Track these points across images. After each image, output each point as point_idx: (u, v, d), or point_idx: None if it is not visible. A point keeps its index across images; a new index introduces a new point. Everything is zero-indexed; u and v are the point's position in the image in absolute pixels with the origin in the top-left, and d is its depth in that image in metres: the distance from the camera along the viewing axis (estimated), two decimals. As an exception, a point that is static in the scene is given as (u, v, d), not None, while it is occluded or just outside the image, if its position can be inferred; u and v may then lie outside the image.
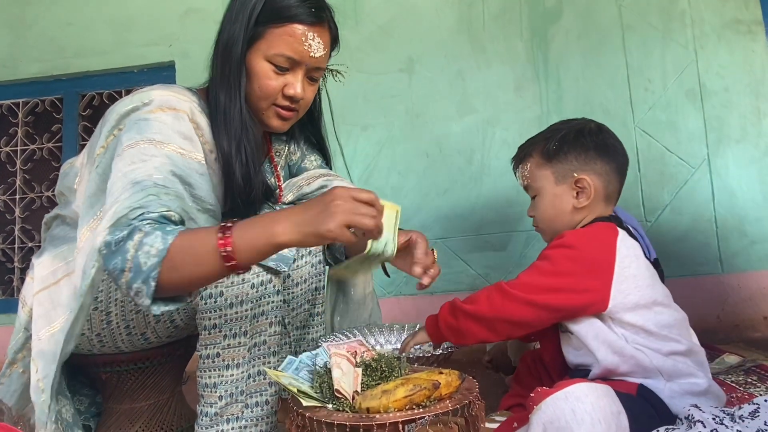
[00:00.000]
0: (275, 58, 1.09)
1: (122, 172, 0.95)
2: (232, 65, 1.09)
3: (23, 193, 2.90)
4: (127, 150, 0.98)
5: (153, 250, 0.87)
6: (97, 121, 2.99)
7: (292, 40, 1.08)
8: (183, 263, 0.88)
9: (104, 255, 0.89)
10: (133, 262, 0.87)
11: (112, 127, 1.05)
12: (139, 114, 1.03)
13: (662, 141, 2.40)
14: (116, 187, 0.94)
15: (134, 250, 0.87)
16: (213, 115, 1.11)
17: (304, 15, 1.09)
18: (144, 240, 0.88)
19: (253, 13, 1.08)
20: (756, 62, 2.38)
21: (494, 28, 2.54)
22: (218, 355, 1.10)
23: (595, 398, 0.89)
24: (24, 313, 1.17)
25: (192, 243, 0.89)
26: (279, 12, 1.08)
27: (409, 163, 2.54)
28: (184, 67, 2.74)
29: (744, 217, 2.33)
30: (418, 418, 0.84)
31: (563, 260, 1.09)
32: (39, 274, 1.16)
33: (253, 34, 1.09)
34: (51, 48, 2.84)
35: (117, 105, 1.09)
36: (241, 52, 1.09)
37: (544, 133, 1.26)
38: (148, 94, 1.06)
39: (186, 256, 0.88)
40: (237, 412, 1.12)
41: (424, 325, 1.22)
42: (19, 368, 1.16)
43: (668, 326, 1.09)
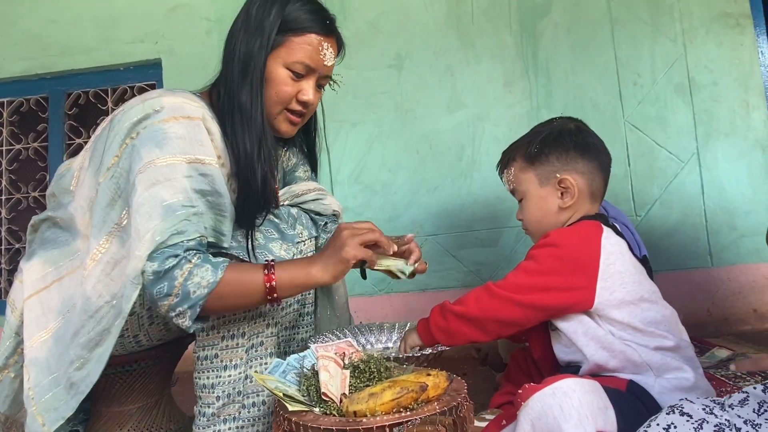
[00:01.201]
0: (294, 65, 1.13)
1: (148, 191, 0.99)
2: (254, 70, 1.11)
3: (9, 194, 2.86)
4: (149, 167, 1.00)
5: (204, 281, 0.98)
6: (83, 120, 2.96)
7: (310, 48, 1.14)
8: (230, 295, 1.01)
9: (150, 280, 0.97)
10: (182, 290, 0.97)
11: (125, 135, 1.05)
12: (153, 123, 1.03)
13: (652, 135, 2.40)
14: (145, 208, 0.98)
15: (183, 279, 0.97)
16: (229, 119, 1.12)
17: (320, 26, 1.15)
18: (194, 271, 0.98)
19: (274, 23, 1.12)
20: (744, 56, 2.38)
21: (483, 22, 2.53)
22: (216, 356, 1.12)
23: (582, 393, 0.89)
24: (14, 317, 1.16)
25: (239, 278, 1.01)
26: (298, 21, 1.12)
27: (399, 159, 2.53)
28: (170, 64, 2.71)
29: (733, 210, 2.33)
30: (405, 421, 0.83)
31: (548, 259, 1.10)
32: (29, 279, 1.14)
33: (274, 43, 1.13)
34: (35, 46, 2.80)
35: (126, 112, 1.08)
36: (264, 58, 1.12)
37: (525, 137, 1.27)
38: (159, 100, 1.06)
39: (234, 289, 1.01)
40: (234, 413, 1.14)
41: (415, 327, 1.23)
42: (11, 373, 1.15)
43: (655, 323, 1.09)
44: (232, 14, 2.81)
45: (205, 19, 2.71)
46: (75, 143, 2.83)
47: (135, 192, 1.00)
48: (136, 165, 1.02)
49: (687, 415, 0.81)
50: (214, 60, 2.67)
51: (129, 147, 1.04)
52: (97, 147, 1.14)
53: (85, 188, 1.13)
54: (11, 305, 1.18)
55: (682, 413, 0.81)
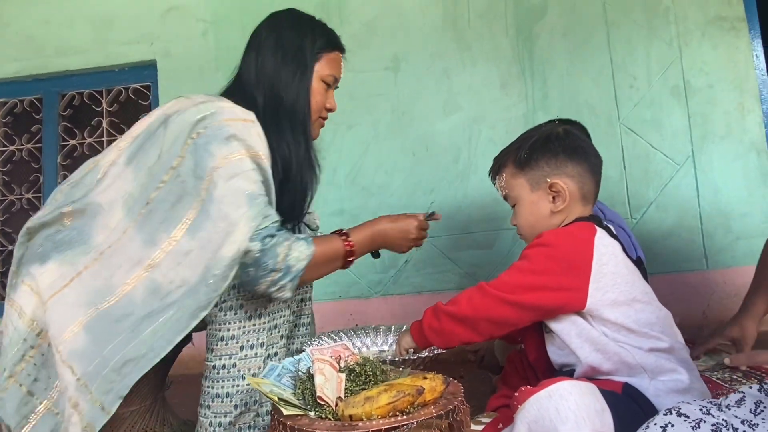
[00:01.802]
0: (327, 77, 1.31)
1: (228, 184, 1.08)
2: (304, 82, 1.26)
3: (2, 196, 2.85)
4: (225, 162, 1.09)
5: (302, 255, 1.10)
6: (77, 121, 2.95)
7: (335, 63, 1.33)
8: (319, 264, 1.16)
9: (255, 258, 1.07)
10: (285, 264, 1.08)
11: (186, 136, 1.11)
12: (214, 123, 1.11)
13: (647, 138, 2.41)
14: (229, 198, 1.07)
15: (284, 254, 1.08)
16: (275, 126, 1.23)
17: (338, 44, 1.35)
18: (292, 246, 1.10)
19: (313, 43, 1.28)
20: (740, 58, 2.39)
21: (479, 25, 2.53)
22: (234, 366, 1.16)
23: (579, 396, 0.89)
24: (23, 323, 1.13)
25: (325, 248, 1.17)
26: (330, 41, 1.32)
27: (396, 161, 2.52)
28: (165, 66, 2.70)
29: (729, 213, 2.34)
30: (402, 425, 0.82)
31: (541, 259, 1.09)
32: (46, 281, 1.12)
33: (313, 60, 1.29)
34: (29, 47, 2.79)
35: (181, 113, 1.14)
36: (311, 76, 1.28)
37: (515, 143, 1.28)
38: (212, 104, 1.15)
39: (322, 258, 1.16)
40: (249, 421, 1.17)
41: (409, 330, 1.22)
42: (17, 382, 1.12)
43: (649, 324, 1.09)
44: (227, 16, 2.81)
45: (201, 21, 2.70)
46: (69, 144, 2.82)
47: (215, 186, 1.07)
48: (209, 162, 1.08)
49: (684, 416, 0.80)
50: (210, 61, 2.69)
51: (192, 146, 1.10)
52: (145, 146, 1.17)
53: (120, 182, 1.15)
54: (18, 312, 1.14)
55: (680, 414, 0.81)
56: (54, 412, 1.10)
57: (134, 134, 1.21)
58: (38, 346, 1.12)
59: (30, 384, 1.11)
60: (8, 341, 1.13)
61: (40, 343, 1.12)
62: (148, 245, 1.09)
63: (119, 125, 2.82)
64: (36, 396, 1.11)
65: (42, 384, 1.11)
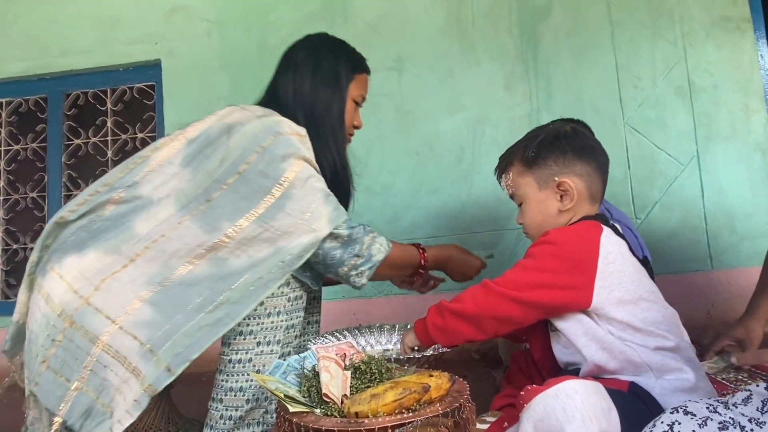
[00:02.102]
0: (358, 97, 1.44)
1: (307, 184, 1.20)
2: (341, 102, 1.39)
3: (7, 195, 2.85)
4: (298, 167, 1.20)
5: (382, 248, 1.26)
6: (82, 121, 2.96)
7: (364, 84, 1.46)
8: (397, 265, 1.34)
9: (342, 242, 1.22)
10: (367, 252, 1.24)
11: (256, 145, 1.20)
12: (279, 135, 1.22)
13: (651, 138, 2.40)
14: (311, 197, 1.20)
15: (369, 243, 1.24)
16: (317, 140, 1.32)
17: (365, 66, 1.47)
18: (376, 238, 1.26)
19: (348, 67, 1.41)
20: (744, 59, 2.38)
21: (483, 25, 2.53)
22: (250, 361, 1.19)
23: (586, 395, 0.89)
24: (50, 309, 1.16)
25: (403, 253, 1.35)
26: (359, 64, 1.44)
27: (399, 161, 2.52)
28: (170, 66, 2.71)
29: (733, 213, 2.33)
30: (407, 422, 0.82)
31: (547, 257, 1.09)
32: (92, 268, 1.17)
33: (347, 81, 1.41)
34: (34, 46, 2.80)
35: (245, 125, 1.23)
36: (345, 93, 1.41)
37: (522, 141, 1.27)
38: (274, 117, 1.26)
39: (400, 261, 1.34)
40: (258, 417, 1.20)
41: (413, 328, 1.22)
42: (50, 367, 1.15)
43: (655, 322, 1.09)
44: (231, 16, 2.82)
45: (205, 21, 2.71)
46: (73, 144, 2.83)
47: (293, 186, 1.18)
48: (281, 166, 1.18)
49: (691, 414, 0.80)
50: (214, 61, 2.69)
51: (262, 154, 1.19)
52: (205, 152, 1.24)
53: (175, 181, 1.23)
54: (45, 298, 1.17)
55: (686, 412, 0.81)
56: (84, 390, 1.13)
57: (189, 137, 1.27)
58: (64, 330, 1.14)
59: (60, 367, 1.14)
60: (38, 327, 1.17)
61: (65, 327, 1.14)
62: (208, 232, 1.17)
63: (123, 124, 2.83)
64: (66, 378, 1.14)
65: (71, 365, 1.14)
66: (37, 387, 1.15)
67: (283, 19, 2.65)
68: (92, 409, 1.12)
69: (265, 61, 2.61)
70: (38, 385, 1.15)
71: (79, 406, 1.12)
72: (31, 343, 1.18)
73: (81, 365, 1.13)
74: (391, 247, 1.29)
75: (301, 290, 1.27)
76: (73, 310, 1.14)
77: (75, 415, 1.12)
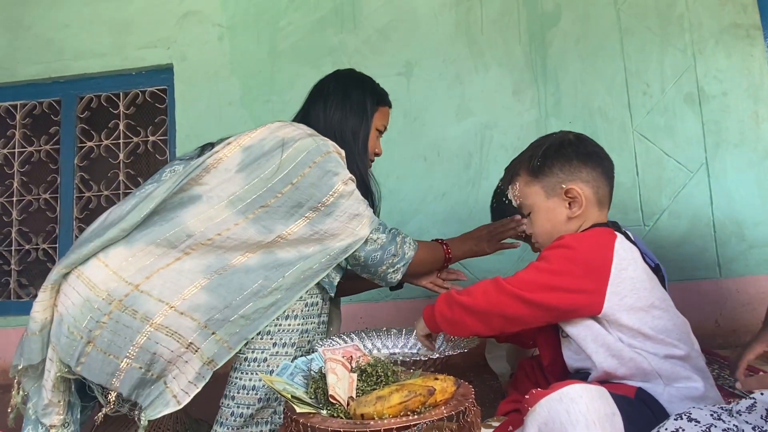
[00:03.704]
0: (381, 126, 1.60)
1: (351, 195, 1.35)
2: (366, 130, 1.55)
3: (20, 196, 2.89)
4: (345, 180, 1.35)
5: (412, 246, 1.44)
6: (95, 124, 3.00)
7: (386, 116, 1.62)
8: (424, 260, 1.48)
9: (384, 242, 1.38)
10: (402, 250, 1.41)
11: (310, 160, 1.33)
12: (328, 153, 1.35)
13: (660, 145, 2.40)
14: (357, 204, 1.35)
15: (401, 242, 1.41)
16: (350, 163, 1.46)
17: (387, 99, 1.63)
18: (406, 238, 1.44)
19: (373, 99, 1.57)
20: (754, 67, 2.38)
21: (492, 32, 2.54)
22: (265, 360, 1.25)
23: (590, 399, 0.89)
24: (94, 294, 1.20)
25: (427, 248, 1.50)
26: (382, 98, 1.61)
27: (407, 166, 2.53)
28: (182, 70, 2.74)
29: (742, 221, 2.32)
30: (412, 425, 0.83)
31: (560, 260, 1.09)
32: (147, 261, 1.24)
33: (372, 112, 1.57)
34: (49, 50, 2.84)
35: (299, 141, 1.35)
36: (370, 123, 1.56)
37: (526, 152, 1.28)
38: (319, 138, 1.38)
39: (426, 256, 1.48)
40: (267, 417, 1.25)
41: (422, 315, 1.24)
42: (96, 347, 1.20)
43: (666, 330, 1.09)
44: (243, 22, 2.85)
45: (217, 26, 2.74)
46: (86, 146, 2.86)
47: (342, 196, 1.33)
48: (332, 180, 1.32)
49: (695, 421, 0.81)
50: (225, 66, 2.73)
51: (315, 168, 1.32)
52: (260, 161, 1.33)
53: (230, 185, 1.31)
54: (85, 283, 1.22)
55: (690, 419, 0.81)
56: (136, 366, 1.19)
57: (243, 145, 1.36)
58: (110, 313, 1.19)
59: (107, 347, 1.19)
60: (78, 312, 1.21)
61: (111, 311, 1.19)
62: (263, 234, 1.27)
63: (136, 127, 2.86)
64: (115, 356, 1.19)
65: (120, 343, 1.19)
66: (81, 367, 1.20)
67: (294, 24, 2.67)
68: (143, 380, 1.20)
69: (275, 67, 2.63)
70: (84, 364, 1.20)
71: (129, 380, 1.19)
72: (67, 325, 1.21)
73: (130, 343, 1.19)
74: (419, 246, 1.45)
75: (318, 297, 1.33)
76: (123, 295, 1.20)
77: (127, 388, 1.19)
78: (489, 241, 1.54)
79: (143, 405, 1.21)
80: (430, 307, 1.22)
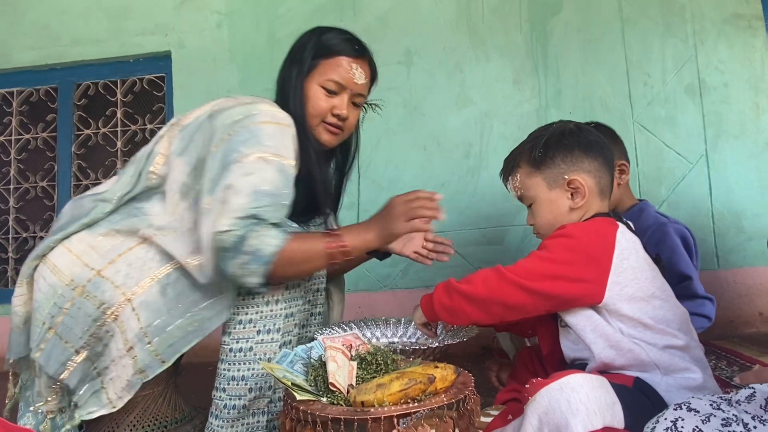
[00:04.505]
0: (326, 83, 1.34)
1: (241, 178, 1.14)
2: (294, 92, 1.33)
3: (17, 183, 2.88)
4: (245, 158, 1.15)
5: (271, 242, 1.11)
6: (92, 111, 2.98)
7: (339, 68, 1.34)
8: (299, 261, 1.16)
9: (232, 242, 1.10)
10: (254, 248, 1.10)
11: (224, 132, 1.20)
12: (251, 124, 1.19)
13: (660, 136, 2.39)
14: (235, 189, 1.13)
15: (255, 240, 1.10)
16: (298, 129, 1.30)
17: (349, 50, 1.36)
18: (266, 233, 1.11)
19: (310, 51, 1.35)
20: (756, 58, 2.37)
21: (493, 20, 2.53)
22: (251, 349, 1.20)
23: (590, 389, 0.90)
24: (58, 279, 1.20)
25: (303, 246, 1.17)
26: (330, 48, 1.35)
27: (407, 156, 2.53)
28: (180, 57, 2.72)
29: (741, 213, 2.32)
30: (413, 412, 0.83)
31: (562, 249, 1.09)
32: (107, 246, 1.22)
33: (309, 67, 1.34)
34: (45, 36, 2.81)
35: (226, 111, 1.24)
36: (301, 82, 1.34)
37: (527, 143, 1.27)
38: (255, 106, 1.24)
39: (301, 255, 1.16)
40: (263, 407, 1.21)
41: (419, 304, 1.23)
42: (56, 333, 1.19)
43: (666, 320, 1.09)
44: (243, 7, 2.83)
45: (216, 13, 2.71)
46: (83, 134, 2.84)
47: (226, 176, 1.14)
48: (233, 155, 1.16)
49: (694, 411, 0.81)
50: (224, 53, 2.70)
51: (227, 142, 1.18)
52: (195, 139, 1.25)
53: (177, 173, 1.25)
54: (51, 268, 1.22)
55: (690, 409, 0.81)
56: (89, 359, 1.17)
57: (184, 124, 1.30)
58: (72, 299, 1.18)
59: (66, 333, 1.18)
60: (43, 297, 1.21)
61: (74, 297, 1.18)
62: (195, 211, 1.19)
63: (133, 115, 2.85)
64: (72, 344, 1.18)
65: (77, 332, 1.17)
66: (40, 353, 1.19)
67: (293, 11, 2.65)
68: (88, 373, 1.17)
69: (274, 54, 2.60)
70: (42, 351, 1.19)
71: (79, 371, 1.17)
72: (37, 314, 1.21)
73: (87, 333, 1.17)
74: (284, 240, 1.13)
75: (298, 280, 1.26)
76: (86, 280, 1.18)
77: (75, 380, 1.17)
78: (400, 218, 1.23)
79: (79, 403, 1.17)
80: (428, 296, 1.21)
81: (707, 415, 0.81)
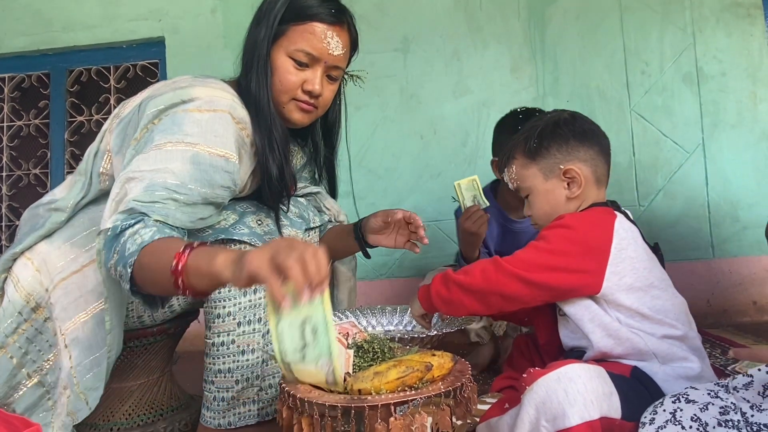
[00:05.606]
0: (295, 53, 1.14)
1: (140, 170, 1.00)
2: (258, 61, 1.15)
3: (10, 171, 2.85)
4: (154, 150, 1.02)
5: (135, 243, 0.92)
6: (85, 97, 2.94)
7: (312, 37, 1.14)
8: (149, 268, 0.91)
9: (108, 237, 0.95)
10: (123, 246, 0.93)
11: (148, 121, 1.07)
12: (177, 112, 1.06)
13: (657, 125, 2.39)
14: (134, 183, 0.99)
15: (128, 237, 0.93)
16: (249, 109, 1.16)
17: (324, 15, 1.15)
18: (139, 232, 0.93)
19: (278, 13, 1.14)
20: (754, 47, 2.36)
21: (491, 7, 2.50)
22: (233, 342, 1.14)
23: (587, 379, 0.90)
24: (19, 296, 1.13)
25: (156, 250, 0.91)
26: (301, 11, 1.14)
27: (404, 144, 2.51)
28: (174, 43, 2.68)
29: (737, 202, 2.33)
30: (410, 400, 0.83)
31: (560, 240, 1.09)
32: (59, 261, 1.12)
33: (277, 32, 1.15)
34: (37, 22, 2.77)
35: (155, 98, 1.10)
36: (266, 49, 1.15)
37: (521, 133, 1.26)
38: (189, 90, 1.09)
39: (152, 258, 0.90)
40: (253, 396, 1.16)
41: (416, 295, 1.22)
42: (8, 354, 1.12)
43: (664, 310, 1.09)
44: (237, -8, 2.75)
45: (210, -2, 2.67)
46: (76, 120, 2.81)
47: (128, 167, 1.02)
48: (148, 146, 1.04)
49: (692, 401, 0.81)
50: (218, 39, 2.67)
51: (149, 131, 1.06)
52: (128, 133, 1.14)
53: (115, 172, 1.16)
54: (14, 283, 1.15)
55: (688, 400, 0.82)
56: (41, 384, 1.11)
57: (121, 116, 1.18)
58: (32, 320, 1.12)
59: (20, 356, 1.12)
60: (2, 313, 1.13)
61: (34, 318, 1.12)
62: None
63: (127, 102, 2.82)
64: (24, 368, 1.12)
65: (32, 356, 1.12)
66: None
67: (289, -3, 2.62)
68: (39, 403, 1.11)
69: (269, 41, 2.58)
70: None
71: (29, 398, 1.11)
72: None
73: (44, 358, 1.11)
74: (145, 243, 0.91)
75: None
76: (44, 301, 1.12)
77: (23, 406, 1.11)
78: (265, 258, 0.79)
79: None
80: (425, 287, 1.21)
81: (705, 404, 0.81)
